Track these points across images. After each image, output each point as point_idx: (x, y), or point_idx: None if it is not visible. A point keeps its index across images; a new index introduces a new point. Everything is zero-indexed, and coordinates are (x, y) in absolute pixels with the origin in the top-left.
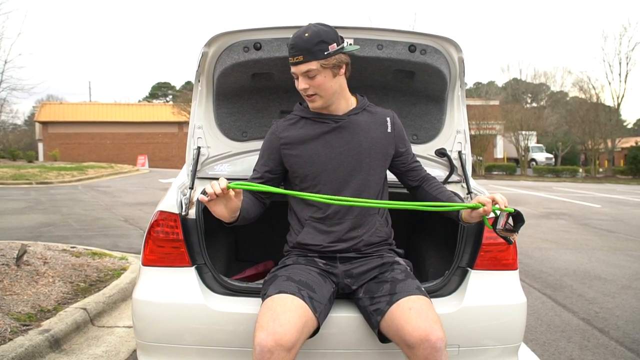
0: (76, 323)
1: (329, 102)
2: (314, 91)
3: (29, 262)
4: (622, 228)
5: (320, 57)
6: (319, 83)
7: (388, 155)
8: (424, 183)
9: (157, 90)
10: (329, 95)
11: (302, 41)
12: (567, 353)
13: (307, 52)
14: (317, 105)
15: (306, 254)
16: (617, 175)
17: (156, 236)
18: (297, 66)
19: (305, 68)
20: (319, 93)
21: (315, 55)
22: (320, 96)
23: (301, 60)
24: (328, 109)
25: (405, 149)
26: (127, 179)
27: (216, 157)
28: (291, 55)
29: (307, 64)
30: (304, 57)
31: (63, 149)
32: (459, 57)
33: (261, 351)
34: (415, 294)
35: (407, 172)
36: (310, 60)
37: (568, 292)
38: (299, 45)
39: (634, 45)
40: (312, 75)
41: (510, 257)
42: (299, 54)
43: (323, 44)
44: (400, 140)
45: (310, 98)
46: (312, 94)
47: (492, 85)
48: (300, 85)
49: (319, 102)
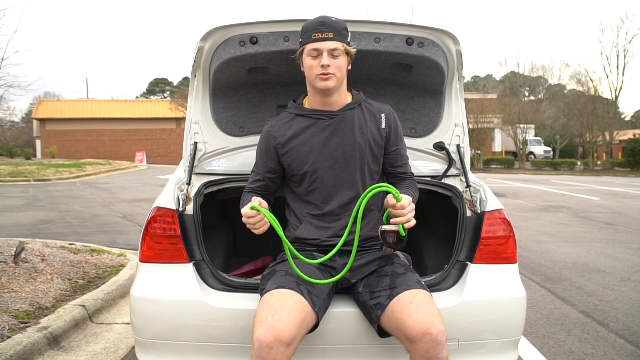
0: (75, 320)
1: (338, 86)
2: (334, 71)
3: (27, 259)
4: (620, 221)
5: (346, 41)
6: (340, 65)
7: (382, 149)
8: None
9: (154, 87)
10: (341, 79)
11: (332, 22)
12: (567, 346)
13: (336, 32)
14: (331, 84)
15: (305, 249)
16: (615, 168)
17: (154, 232)
18: (325, 42)
19: (334, 45)
20: (336, 74)
21: (344, 37)
22: (337, 77)
23: (331, 37)
24: (325, 103)
25: (396, 149)
26: (126, 176)
27: (213, 153)
28: (320, 31)
29: (335, 42)
30: (334, 35)
31: (61, 146)
32: (457, 50)
33: (260, 347)
34: (415, 288)
35: (390, 176)
36: (340, 40)
37: (567, 285)
38: (329, 24)
39: (632, 38)
40: (337, 55)
41: (509, 250)
42: (330, 31)
43: (346, 31)
44: (392, 140)
45: (327, 76)
46: (331, 74)
47: (490, 79)
48: (324, 62)
49: (333, 82)
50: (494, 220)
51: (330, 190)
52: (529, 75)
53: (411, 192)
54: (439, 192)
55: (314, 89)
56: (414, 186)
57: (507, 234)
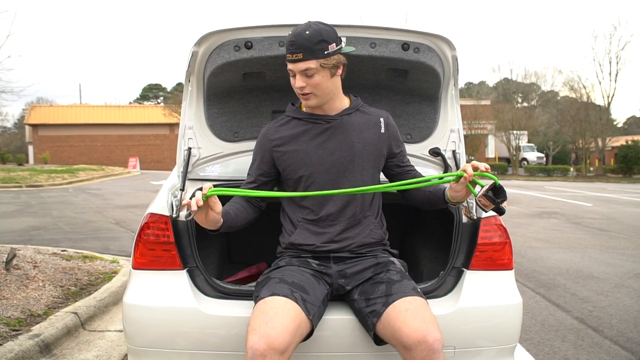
0: (67, 327)
1: (323, 102)
2: (311, 90)
3: (19, 266)
4: (614, 226)
5: (320, 57)
6: (317, 82)
7: (382, 156)
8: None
9: (148, 92)
10: (324, 95)
11: (303, 39)
12: (562, 352)
13: (307, 51)
14: (311, 104)
15: (299, 255)
16: (607, 174)
17: (146, 239)
18: (296, 64)
19: (304, 66)
20: (315, 92)
21: (316, 54)
22: (316, 95)
23: (300, 58)
24: (321, 108)
25: (400, 151)
26: (119, 181)
27: (207, 158)
28: (290, 52)
29: (306, 62)
30: (303, 55)
31: (53, 152)
32: (453, 55)
33: (254, 355)
34: (411, 294)
35: (401, 174)
36: (310, 58)
37: (561, 291)
38: (299, 42)
39: (624, 45)
40: (310, 74)
41: (505, 257)
42: (299, 52)
43: (324, 43)
44: (394, 141)
45: (306, 97)
46: (308, 93)
47: (483, 85)
48: (297, 84)
49: (313, 101)
50: (490, 227)
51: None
52: (521, 81)
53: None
54: None
55: None
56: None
57: (503, 240)
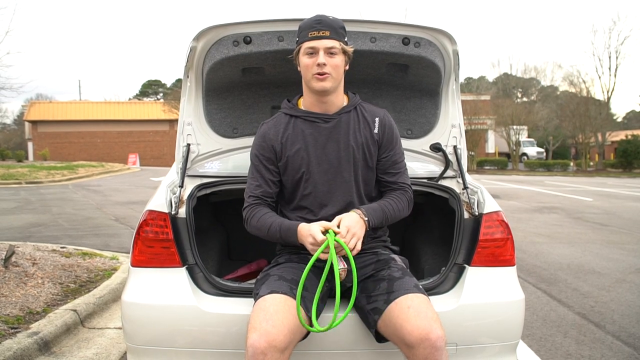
0: (66, 325)
1: (334, 87)
2: (330, 70)
3: (18, 263)
4: (614, 221)
5: (343, 40)
6: (337, 64)
7: (373, 156)
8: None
9: (147, 88)
10: (338, 80)
11: (329, 20)
12: (564, 348)
13: (333, 30)
14: (326, 85)
15: (299, 251)
16: (607, 169)
17: (145, 236)
18: (322, 40)
19: (330, 43)
20: (332, 74)
21: (340, 36)
22: (333, 77)
23: (327, 35)
24: (320, 106)
25: (386, 156)
26: (118, 178)
27: (206, 154)
28: (316, 29)
29: (332, 40)
30: (330, 33)
31: (53, 148)
32: (454, 50)
33: (254, 353)
34: (413, 292)
35: (378, 182)
36: (336, 38)
37: (563, 286)
38: (326, 22)
39: (624, 39)
40: (333, 53)
41: (507, 253)
42: (326, 29)
43: (344, 30)
44: (384, 145)
45: (323, 77)
46: (326, 73)
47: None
48: (319, 61)
49: (329, 83)
50: (492, 222)
51: (324, 195)
52: (521, 76)
53: (379, 206)
54: (436, 193)
55: (309, 90)
56: (396, 199)
57: (505, 236)
